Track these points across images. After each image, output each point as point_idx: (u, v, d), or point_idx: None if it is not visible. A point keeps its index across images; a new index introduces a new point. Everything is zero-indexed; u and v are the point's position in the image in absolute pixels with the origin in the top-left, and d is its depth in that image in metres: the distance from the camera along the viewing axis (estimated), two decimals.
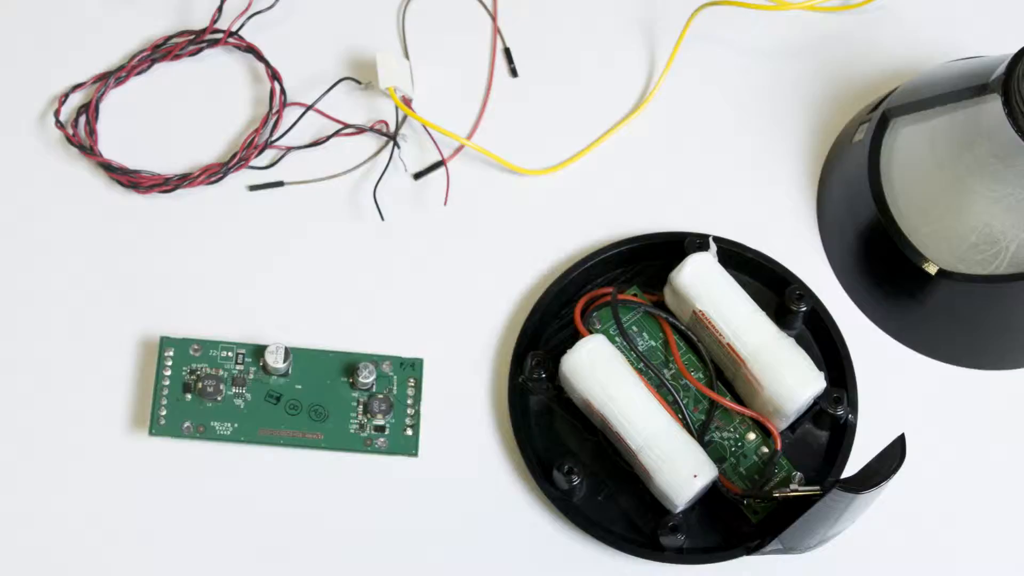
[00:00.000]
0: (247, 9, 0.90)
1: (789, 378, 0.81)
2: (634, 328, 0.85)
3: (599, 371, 0.80)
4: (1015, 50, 0.80)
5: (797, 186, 0.90)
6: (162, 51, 0.90)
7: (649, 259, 0.86)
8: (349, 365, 0.84)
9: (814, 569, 0.82)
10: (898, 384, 0.86)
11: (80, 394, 0.83)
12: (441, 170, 0.88)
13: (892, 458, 0.72)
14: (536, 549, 0.82)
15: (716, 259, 0.83)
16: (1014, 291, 0.82)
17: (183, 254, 0.86)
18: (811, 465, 0.84)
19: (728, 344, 0.82)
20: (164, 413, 0.83)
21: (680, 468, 0.79)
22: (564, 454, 0.83)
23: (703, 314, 0.82)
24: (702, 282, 0.82)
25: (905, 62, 0.92)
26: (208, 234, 0.87)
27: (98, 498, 0.82)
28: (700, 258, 0.83)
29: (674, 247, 0.85)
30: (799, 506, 0.78)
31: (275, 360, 0.83)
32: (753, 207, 0.89)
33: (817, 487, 0.80)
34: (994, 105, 0.79)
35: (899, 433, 0.73)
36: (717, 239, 0.85)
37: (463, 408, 0.84)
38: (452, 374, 0.85)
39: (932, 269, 0.83)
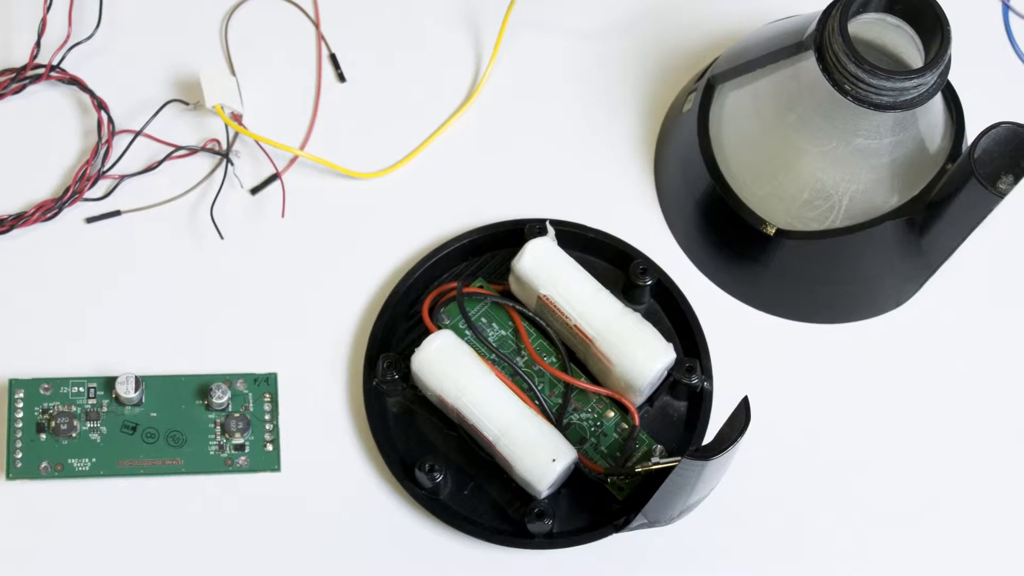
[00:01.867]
0: (67, 41, 0.89)
1: (638, 353, 0.81)
2: (483, 319, 0.85)
3: (448, 366, 0.80)
4: (826, 6, 0.81)
5: (634, 161, 0.90)
6: None
7: (492, 249, 0.87)
8: (202, 387, 0.84)
9: (684, 538, 0.83)
10: (750, 346, 0.86)
11: None
12: (277, 183, 0.88)
13: (738, 421, 0.72)
14: (407, 550, 0.82)
15: (555, 243, 0.83)
16: (851, 243, 0.83)
17: (24, 293, 0.85)
18: (673, 436, 0.84)
19: (575, 325, 0.82)
20: (20, 456, 0.82)
21: (538, 454, 0.79)
22: (427, 452, 0.83)
23: (547, 299, 0.82)
24: (542, 267, 0.82)
25: (729, 28, 0.92)
26: (49, 271, 0.86)
27: None
28: (538, 243, 0.83)
29: (515, 235, 0.86)
30: (662, 479, 0.78)
31: (126, 390, 0.82)
32: (593, 187, 0.89)
33: (678, 458, 0.81)
34: (810, 62, 0.80)
35: (751, 395, 0.74)
36: (555, 222, 0.85)
37: (321, 418, 0.84)
38: (307, 385, 0.85)
39: (770, 230, 0.84)
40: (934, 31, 0.79)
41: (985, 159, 0.79)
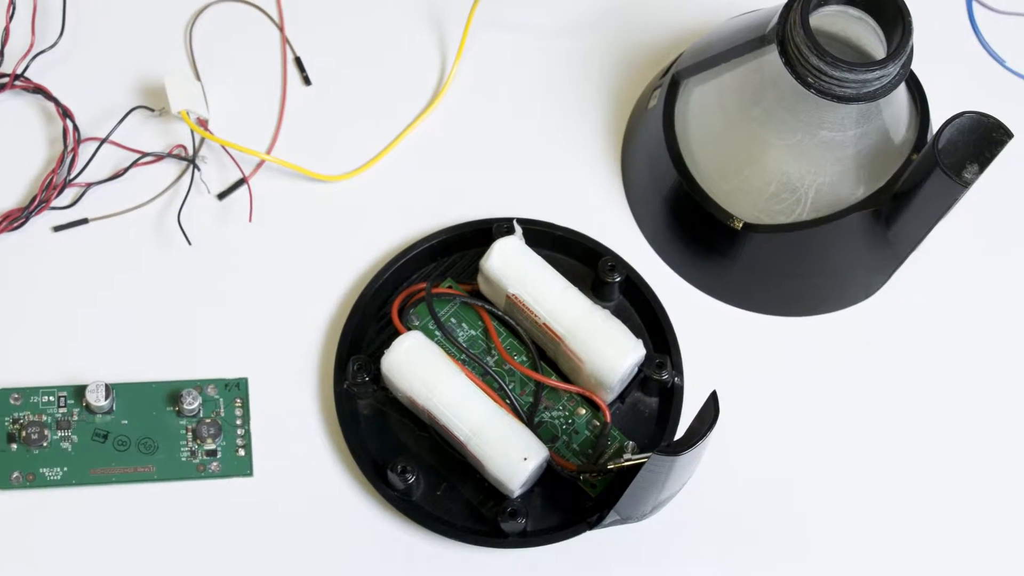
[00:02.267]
0: (30, 50, 0.89)
1: (607, 350, 0.81)
2: (453, 320, 0.85)
3: (418, 367, 0.80)
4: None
5: (602, 159, 0.90)
6: None
7: (461, 250, 0.87)
8: (173, 393, 0.83)
9: (657, 534, 0.83)
10: (720, 341, 0.87)
11: None
12: (244, 187, 0.88)
13: (708, 416, 0.72)
14: (381, 552, 0.82)
15: (523, 241, 0.84)
16: (819, 235, 0.83)
17: None
18: (645, 432, 0.84)
19: (544, 324, 0.82)
20: None
21: (509, 453, 0.79)
22: (400, 453, 0.83)
23: (516, 297, 0.82)
24: (510, 266, 0.82)
25: (693, 23, 0.92)
26: (17, 280, 0.86)
27: None
28: (506, 242, 0.83)
29: (483, 235, 0.86)
30: (634, 475, 0.78)
31: (96, 398, 0.82)
32: (561, 185, 0.89)
33: (649, 454, 0.81)
34: (773, 56, 0.80)
35: (723, 390, 0.74)
36: (523, 221, 0.85)
37: (293, 421, 0.84)
38: (278, 389, 0.85)
39: (738, 224, 0.84)
40: (895, 22, 0.79)
41: (949, 149, 0.79)
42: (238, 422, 0.84)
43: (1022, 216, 0.90)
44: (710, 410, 0.72)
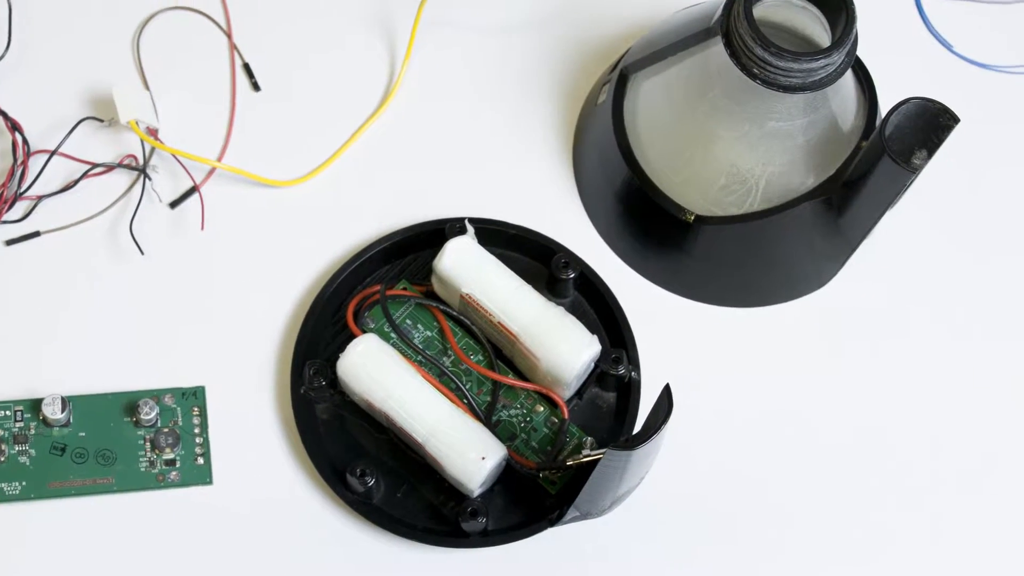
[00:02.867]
0: None
1: (562, 347, 0.81)
2: (408, 321, 0.85)
3: (373, 370, 0.80)
4: None
5: (555, 156, 0.90)
6: None
7: (415, 251, 0.87)
8: (130, 404, 0.83)
9: (619, 528, 0.83)
10: (677, 334, 0.87)
11: None
12: (196, 195, 0.88)
13: (661, 410, 0.72)
14: (343, 556, 0.82)
15: (475, 241, 0.83)
16: (770, 226, 0.83)
17: None
18: (604, 427, 0.84)
19: (499, 323, 0.82)
20: None
21: (467, 452, 0.79)
22: (359, 456, 0.83)
23: (470, 297, 0.82)
24: (463, 266, 0.82)
25: (641, 17, 0.92)
26: None
27: None
28: (458, 242, 0.83)
29: (437, 235, 0.86)
30: (593, 471, 0.78)
31: (53, 412, 0.82)
32: (514, 183, 0.89)
33: (606, 450, 0.81)
34: (718, 48, 0.80)
35: (681, 382, 0.74)
36: (476, 220, 0.85)
37: (251, 428, 0.84)
38: (236, 396, 0.84)
39: (689, 217, 0.84)
40: (839, 10, 0.79)
41: (897, 135, 0.79)
42: (196, 431, 0.83)
43: (971, 199, 0.90)
44: (664, 404, 0.72)
